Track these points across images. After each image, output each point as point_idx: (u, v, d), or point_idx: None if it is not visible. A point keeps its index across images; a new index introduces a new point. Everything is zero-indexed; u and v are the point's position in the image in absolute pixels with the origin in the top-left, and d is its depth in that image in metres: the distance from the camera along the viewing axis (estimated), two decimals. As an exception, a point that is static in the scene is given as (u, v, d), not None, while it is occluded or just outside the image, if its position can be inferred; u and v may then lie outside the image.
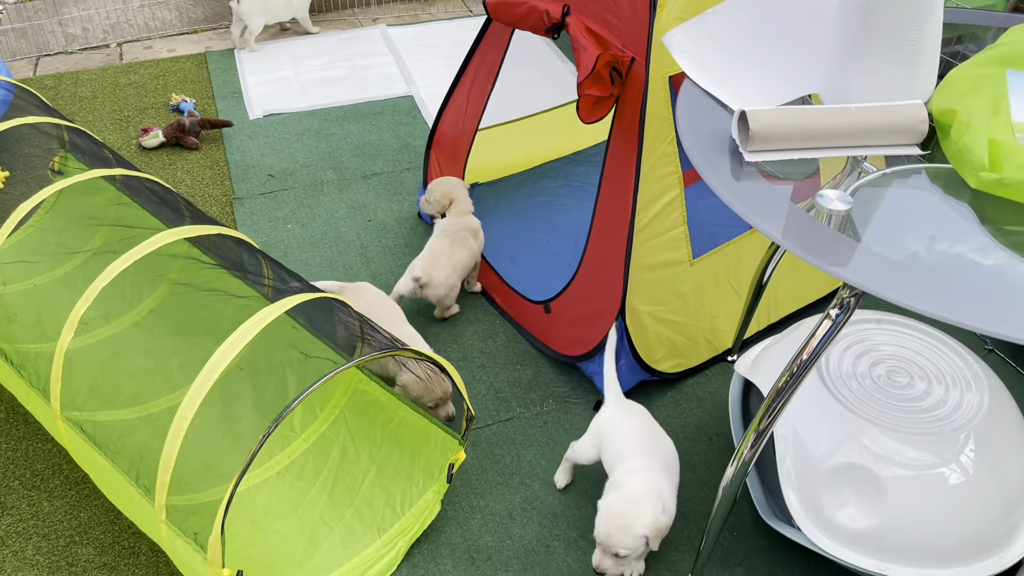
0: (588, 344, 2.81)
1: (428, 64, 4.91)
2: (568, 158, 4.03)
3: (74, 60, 5.00)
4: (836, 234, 1.59)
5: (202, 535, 1.91)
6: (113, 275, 2.26)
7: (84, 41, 5.18)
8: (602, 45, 2.55)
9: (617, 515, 2.14)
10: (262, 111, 4.43)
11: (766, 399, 1.97)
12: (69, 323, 2.23)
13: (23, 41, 5.16)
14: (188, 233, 2.42)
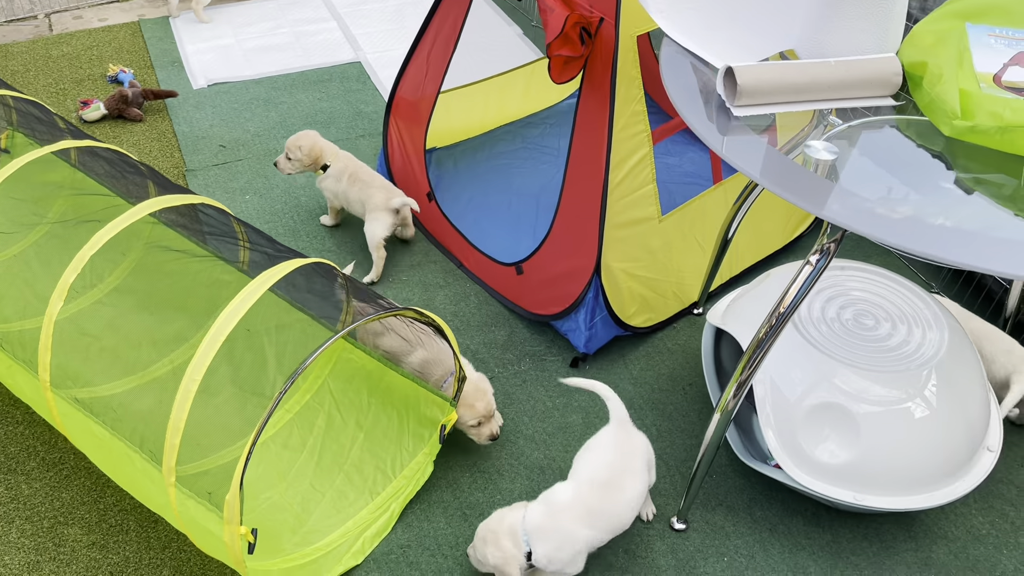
0: (563, 303, 2.87)
1: (373, 29, 4.85)
2: (523, 121, 4.06)
3: (0, 33, 4.76)
4: (823, 180, 1.68)
5: (216, 494, 1.91)
6: (100, 244, 2.22)
7: (9, 12, 4.93)
8: (569, 6, 2.57)
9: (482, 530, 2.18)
10: (206, 80, 4.32)
11: (747, 350, 2.07)
12: (58, 292, 2.18)
13: (-62, 12, 4.90)
14: (169, 203, 2.37)
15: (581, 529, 2.12)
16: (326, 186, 3.34)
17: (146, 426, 2.12)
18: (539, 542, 2.10)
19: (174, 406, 1.95)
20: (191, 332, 2.90)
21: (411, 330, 2.55)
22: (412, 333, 2.56)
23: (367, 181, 3.28)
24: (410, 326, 2.52)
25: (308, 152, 3.29)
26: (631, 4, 2.50)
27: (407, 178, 3.49)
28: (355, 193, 3.27)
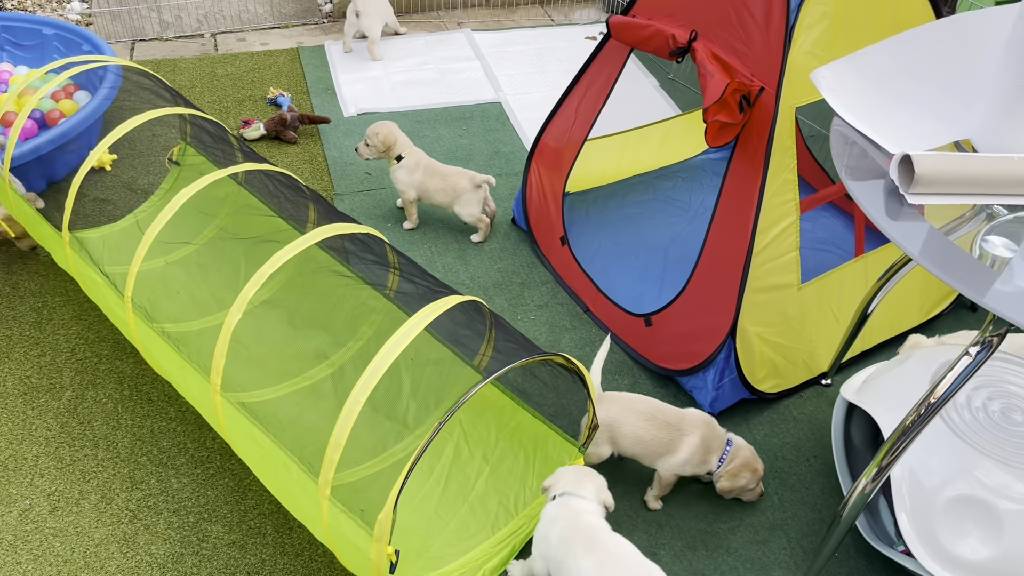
0: (692, 360, 2.89)
1: (515, 71, 5.01)
2: (656, 172, 4.12)
3: (169, 47, 5.14)
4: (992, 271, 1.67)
5: (369, 512, 2.02)
6: (279, 264, 2.37)
7: (178, 29, 5.33)
8: (729, 73, 2.63)
9: None
10: (356, 109, 4.55)
11: (890, 437, 2.05)
12: (238, 303, 2.35)
13: (116, 24, 5.32)
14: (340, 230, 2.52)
15: None
16: (399, 177, 3.66)
17: (302, 439, 2.25)
18: None
19: (336, 424, 2.07)
20: (332, 350, 3.06)
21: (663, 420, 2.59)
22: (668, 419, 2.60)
23: (444, 172, 3.64)
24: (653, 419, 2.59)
25: (383, 140, 3.62)
26: (795, 76, 2.54)
27: (542, 220, 3.59)
28: (435, 184, 3.63)
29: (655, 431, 2.55)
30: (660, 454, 2.57)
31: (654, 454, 2.58)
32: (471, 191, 3.61)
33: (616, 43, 3.15)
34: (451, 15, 5.65)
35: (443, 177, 3.64)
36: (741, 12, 2.64)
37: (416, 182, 3.65)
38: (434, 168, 3.67)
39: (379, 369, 2.08)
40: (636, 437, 2.56)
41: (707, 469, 2.59)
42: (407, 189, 3.67)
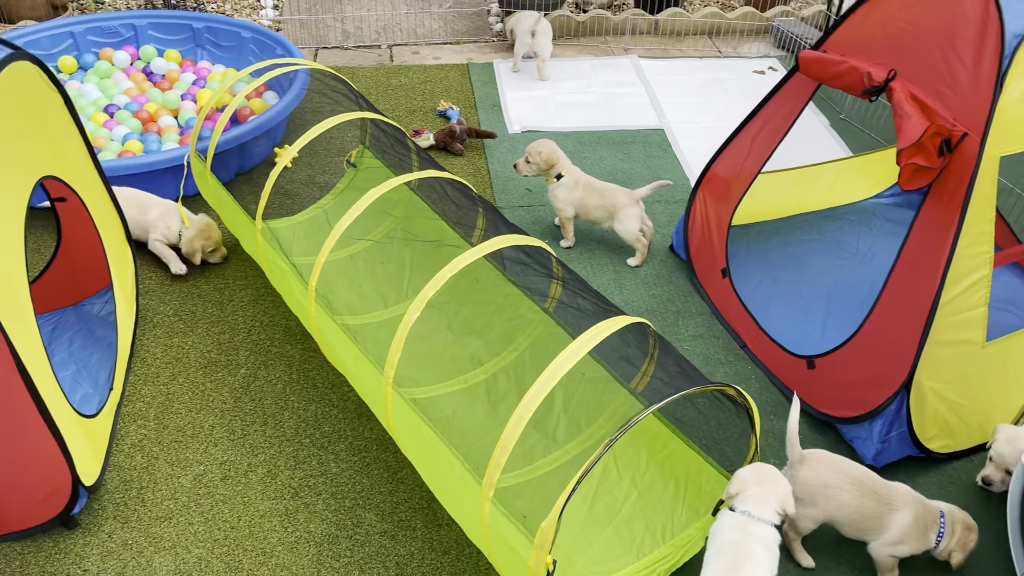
0: (857, 408, 2.78)
1: (679, 100, 4.99)
2: (823, 213, 4.00)
3: (349, 56, 5.42)
4: None
5: (531, 519, 2.05)
6: (458, 268, 2.45)
7: (358, 39, 5.61)
8: (929, 116, 2.54)
9: None
10: (520, 126, 4.65)
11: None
12: (416, 303, 2.44)
13: (303, 31, 5.65)
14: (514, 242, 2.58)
15: None
16: (559, 195, 3.71)
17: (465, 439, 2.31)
18: None
19: (507, 428, 2.11)
20: (486, 358, 3.13)
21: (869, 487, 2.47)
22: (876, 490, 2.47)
23: (603, 189, 3.69)
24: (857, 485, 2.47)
25: (546, 159, 3.66)
26: (1003, 124, 2.42)
27: (703, 250, 3.55)
28: (595, 200, 3.68)
29: (861, 498, 2.41)
30: (867, 528, 2.43)
31: (858, 524, 2.44)
32: (630, 206, 3.64)
33: (802, 78, 3.10)
34: (619, 41, 5.70)
35: (602, 193, 3.69)
36: (948, 55, 2.55)
37: (575, 199, 3.70)
38: (593, 185, 3.71)
39: (552, 379, 2.10)
40: (841, 501, 2.42)
41: (925, 548, 2.42)
42: (565, 207, 3.72)
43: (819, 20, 5.74)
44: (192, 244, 3.49)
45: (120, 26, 4.77)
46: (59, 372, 2.91)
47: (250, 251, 3.29)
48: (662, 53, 5.58)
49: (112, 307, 3.02)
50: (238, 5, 5.96)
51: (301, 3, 5.98)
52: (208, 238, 3.51)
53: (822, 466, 2.46)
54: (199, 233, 3.49)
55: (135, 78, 4.57)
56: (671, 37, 5.78)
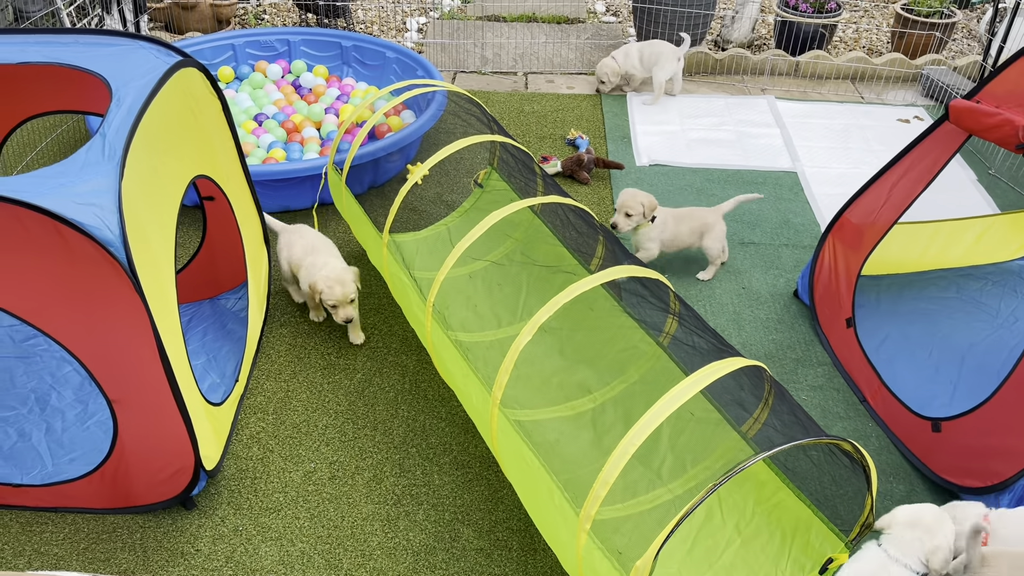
0: (986, 479, 2.61)
1: (816, 144, 4.86)
2: (963, 270, 3.80)
3: (485, 80, 5.56)
4: None
5: (627, 556, 2.02)
6: (573, 295, 2.46)
7: (495, 65, 5.75)
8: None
9: None
10: (648, 159, 4.64)
11: None
12: (529, 327, 2.46)
13: (444, 55, 5.84)
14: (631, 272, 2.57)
15: None
16: (652, 235, 3.70)
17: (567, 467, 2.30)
18: None
19: (609, 461, 2.09)
20: (596, 386, 3.12)
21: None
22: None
23: (690, 214, 3.75)
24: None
25: (650, 206, 3.63)
26: None
27: (829, 298, 3.44)
28: (686, 227, 3.73)
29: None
30: None
31: None
32: (719, 223, 3.73)
33: (950, 128, 2.97)
34: (756, 80, 5.61)
35: (690, 218, 3.73)
36: (1116, 111, 2.39)
37: (668, 237, 3.71)
38: (679, 215, 3.75)
39: (660, 415, 2.07)
40: None
41: None
42: (653, 247, 3.72)
43: (973, 71, 5.47)
44: (312, 296, 3.25)
45: (276, 41, 5.07)
46: (192, 360, 3.10)
47: (376, 263, 3.41)
48: (800, 95, 5.45)
49: (245, 303, 3.20)
50: (385, 27, 6.23)
51: (444, 28, 6.19)
52: (333, 291, 3.16)
53: (1006, 567, 2.17)
54: (324, 283, 3.18)
55: (284, 90, 4.84)
56: (812, 80, 5.64)
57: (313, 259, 3.32)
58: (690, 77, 5.65)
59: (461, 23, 6.29)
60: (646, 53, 5.18)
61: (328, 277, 3.18)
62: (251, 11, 6.36)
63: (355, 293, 3.22)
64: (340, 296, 3.17)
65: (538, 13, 6.47)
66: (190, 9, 5.76)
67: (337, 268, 3.23)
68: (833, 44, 6.10)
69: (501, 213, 2.87)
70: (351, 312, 3.21)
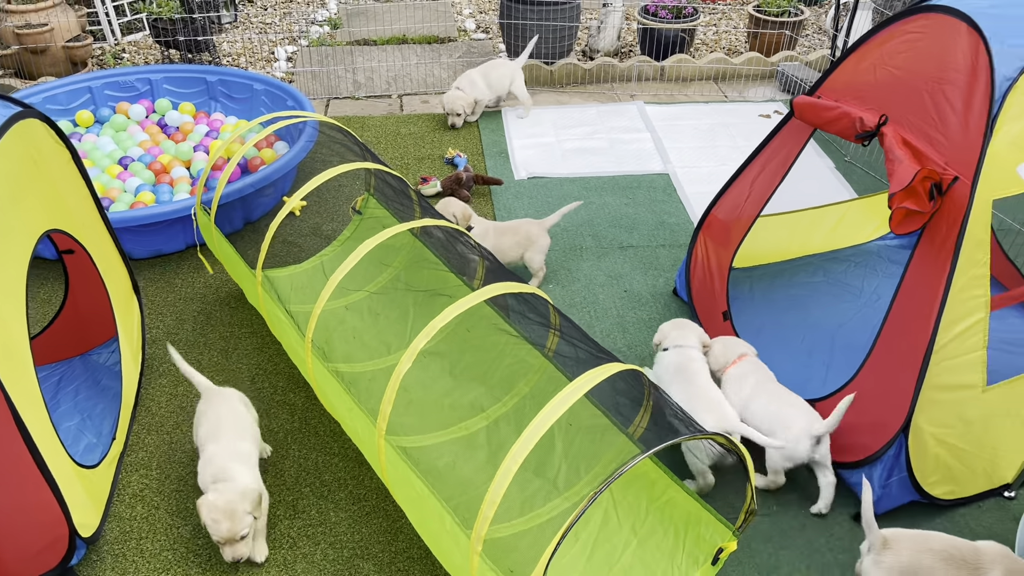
0: (857, 453, 2.75)
1: (684, 145, 5.03)
2: (828, 255, 4.00)
3: (360, 106, 5.52)
4: None
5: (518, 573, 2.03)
6: (450, 317, 2.46)
7: (369, 89, 5.72)
8: (920, 160, 2.55)
9: None
10: (526, 173, 4.71)
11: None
12: (408, 353, 2.45)
13: (315, 83, 5.77)
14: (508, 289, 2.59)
15: None
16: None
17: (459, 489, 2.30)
18: None
19: (494, 480, 2.10)
20: (488, 403, 3.13)
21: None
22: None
23: (514, 227, 3.82)
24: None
25: (463, 216, 3.74)
26: (995, 167, 2.42)
27: (705, 293, 3.55)
28: (508, 240, 3.79)
29: (955, 572, 2.29)
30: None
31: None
32: (543, 236, 3.81)
33: (798, 123, 3.12)
34: (625, 87, 5.77)
35: (514, 231, 3.81)
36: (938, 99, 2.56)
37: (488, 247, 3.68)
38: (501, 228, 3.82)
39: (538, 431, 2.10)
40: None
41: None
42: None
43: (823, 65, 5.78)
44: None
45: (136, 80, 4.91)
46: (64, 423, 2.95)
47: (253, 301, 3.33)
48: (668, 99, 5.64)
49: (118, 357, 3.07)
50: (252, 58, 6.12)
51: (314, 55, 6.12)
52: None
53: (907, 548, 2.32)
54: None
55: (150, 130, 4.69)
56: (677, 83, 5.85)
57: (212, 450, 2.62)
58: (561, 89, 5.76)
59: (331, 49, 6.23)
60: (491, 76, 5.18)
61: (214, 506, 2.44)
62: (108, 51, 6.13)
63: (249, 527, 2.48)
64: (226, 533, 2.44)
65: (408, 34, 6.48)
66: (40, 53, 5.51)
67: (228, 491, 2.47)
68: (695, 47, 6.33)
69: (373, 242, 2.86)
70: (241, 551, 2.47)
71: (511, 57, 5.80)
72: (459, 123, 5.14)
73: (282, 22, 6.74)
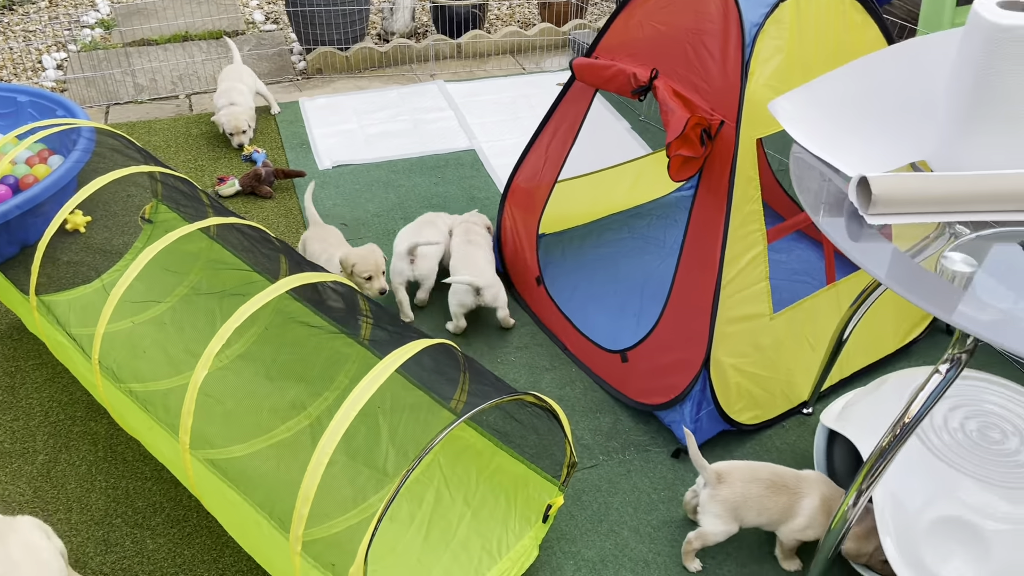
0: (669, 393, 2.88)
1: (487, 119, 5.07)
2: (631, 211, 4.16)
3: (144, 110, 5.19)
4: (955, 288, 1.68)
5: (340, 566, 1.98)
6: (243, 318, 2.35)
7: (153, 91, 5.38)
8: (690, 108, 2.67)
9: None
10: (331, 162, 4.59)
11: (868, 459, 2.04)
12: (203, 361, 2.32)
13: (91, 89, 5.37)
14: (305, 280, 2.51)
15: None
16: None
17: (275, 494, 2.22)
18: None
19: (305, 477, 2.03)
20: (309, 401, 3.04)
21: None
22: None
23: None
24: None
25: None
26: (753, 108, 2.58)
27: (517, 262, 3.60)
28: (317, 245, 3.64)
29: (776, 497, 2.43)
30: (781, 520, 2.46)
31: (776, 521, 2.46)
32: (315, 231, 3.68)
33: (581, 85, 3.21)
34: (424, 67, 5.74)
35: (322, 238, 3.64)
36: (699, 49, 2.70)
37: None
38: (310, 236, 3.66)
39: (344, 421, 2.05)
40: (761, 508, 2.44)
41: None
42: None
43: (612, 29, 5.97)
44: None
45: None
46: None
47: (33, 330, 3.06)
48: (467, 75, 5.66)
49: None
50: (17, 68, 5.60)
51: (87, 60, 5.68)
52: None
53: (739, 480, 2.45)
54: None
55: (-103, 158, 4.19)
56: (475, 59, 5.88)
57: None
58: (360, 74, 5.65)
59: (106, 52, 5.81)
60: (247, 80, 4.88)
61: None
62: None
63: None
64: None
65: (192, 30, 6.15)
66: None
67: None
68: (489, 22, 6.39)
69: (154, 249, 2.69)
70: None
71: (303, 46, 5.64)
72: (245, 140, 4.67)
73: (48, 28, 6.21)
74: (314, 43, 5.61)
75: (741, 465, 2.51)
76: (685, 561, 2.54)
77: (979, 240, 1.94)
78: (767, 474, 2.47)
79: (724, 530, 2.45)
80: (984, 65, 1.80)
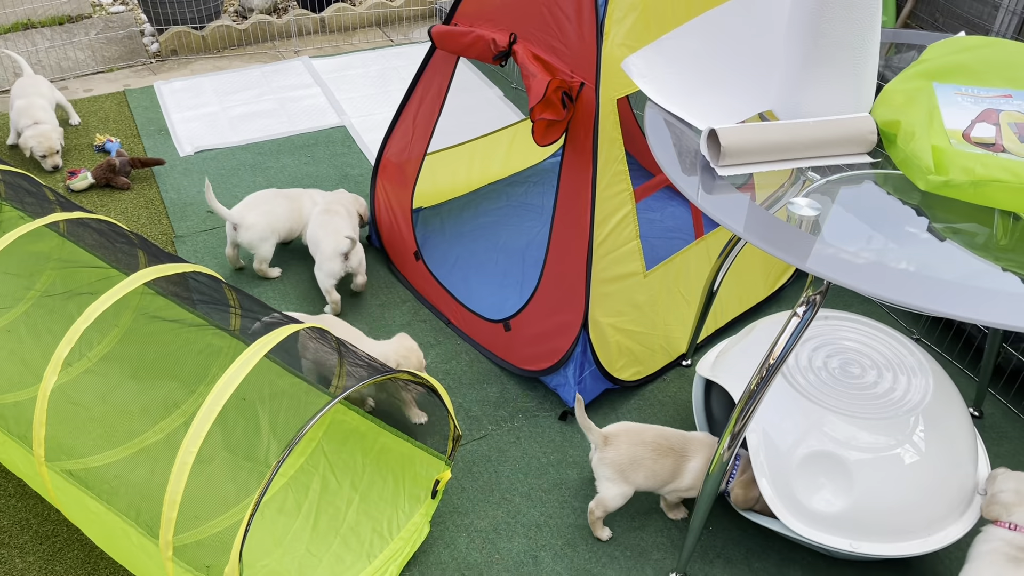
0: (552, 358, 2.90)
1: (356, 94, 4.95)
2: (507, 179, 4.14)
3: (-17, 103, 4.81)
4: (805, 234, 1.74)
5: (215, 567, 1.90)
6: (93, 317, 2.22)
7: (-8, 84, 5.00)
8: (551, 71, 2.66)
9: None
10: (192, 147, 4.38)
11: (739, 402, 2.11)
12: (52, 366, 2.17)
13: (-77, 85, 4.94)
14: (161, 272, 2.38)
15: None
16: None
17: (142, 499, 2.11)
18: None
19: (170, 479, 1.94)
20: (183, 398, 2.91)
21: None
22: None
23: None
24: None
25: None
26: (611, 68, 2.59)
27: (394, 237, 3.54)
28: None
29: (663, 460, 2.44)
30: (667, 482, 2.47)
31: (663, 483, 2.48)
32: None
33: (442, 53, 3.15)
34: (287, 44, 5.54)
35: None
36: (555, 12, 2.68)
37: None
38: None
39: (209, 415, 1.97)
40: (649, 470, 2.45)
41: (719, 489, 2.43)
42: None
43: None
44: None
45: None
46: None
47: None
48: (334, 50, 5.50)
49: None
50: None
51: (-87, 52, 5.21)
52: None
53: (624, 442, 2.45)
54: None
55: None
56: (340, 33, 5.71)
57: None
58: (219, 53, 5.41)
59: (-65, 43, 5.34)
60: (45, 93, 4.33)
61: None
62: None
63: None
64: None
65: (34, 17, 5.72)
66: None
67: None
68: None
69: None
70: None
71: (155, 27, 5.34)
72: (59, 162, 4.14)
73: None
74: (166, 23, 5.32)
75: (628, 427, 2.53)
76: (595, 532, 2.54)
77: (828, 185, 2.01)
78: (652, 436, 2.49)
79: (618, 492, 2.47)
80: (816, 12, 1.85)
